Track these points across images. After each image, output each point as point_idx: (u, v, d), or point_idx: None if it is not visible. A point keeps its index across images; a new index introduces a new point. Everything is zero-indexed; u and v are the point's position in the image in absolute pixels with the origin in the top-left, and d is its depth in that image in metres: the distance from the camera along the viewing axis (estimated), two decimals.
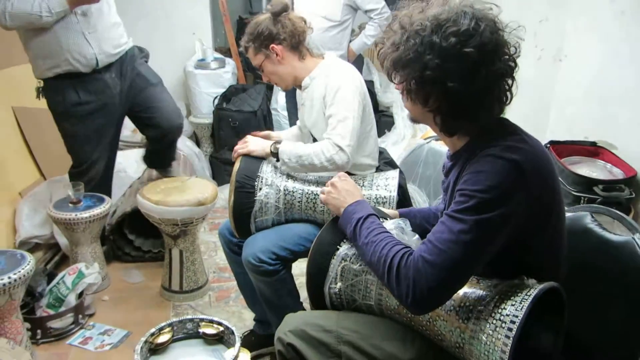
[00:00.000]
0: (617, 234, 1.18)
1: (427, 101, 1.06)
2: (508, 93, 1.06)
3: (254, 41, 1.76)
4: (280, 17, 1.75)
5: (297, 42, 1.77)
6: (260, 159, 1.70)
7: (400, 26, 1.06)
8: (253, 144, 1.72)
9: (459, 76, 1.00)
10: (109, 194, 2.53)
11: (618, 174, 2.21)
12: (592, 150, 2.35)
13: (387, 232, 1.14)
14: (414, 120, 1.16)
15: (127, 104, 2.44)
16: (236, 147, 1.75)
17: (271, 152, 1.68)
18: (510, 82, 1.06)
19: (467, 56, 0.99)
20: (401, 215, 1.41)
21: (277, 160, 1.67)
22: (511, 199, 0.98)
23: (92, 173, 2.43)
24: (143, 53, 2.52)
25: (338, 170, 1.65)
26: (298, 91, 1.90)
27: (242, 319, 2.19)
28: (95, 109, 2.32)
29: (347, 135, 1.62)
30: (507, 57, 1.03)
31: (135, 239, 2.63)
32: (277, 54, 1.75)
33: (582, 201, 2.07)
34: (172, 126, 2.54)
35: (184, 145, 3.55)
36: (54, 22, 2.12)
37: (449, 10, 1.02)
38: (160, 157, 2.70)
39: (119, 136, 2.57)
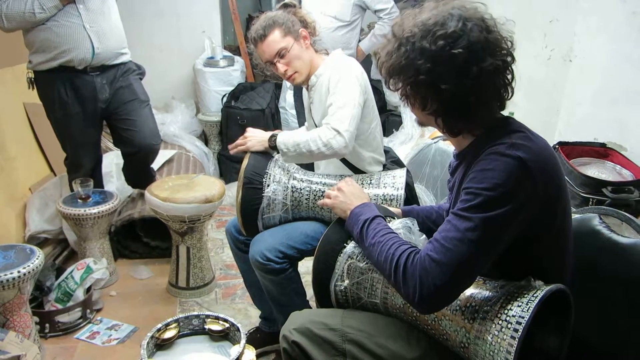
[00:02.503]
0: (625, 236, 1.18)
1: (426, 105, 1.07)
2: (508, 87, 1.06)
3: (283, 25, 1.72)
4: (295, 10, 1.77)
5: (312, 34, 1.79)
6: (269, 156, 1.70)
7: (393, 34, 1.08)
8: (252, 140, 1.70)
9: (451, 78, 1.00)
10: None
11: (627, 175, 2.19)
12: (601, 151, 2.33)
13: (394, 232, 1.14)
14: (421, 123, 1.17)
15: (108, 110, 2.42)
16: (237, 142, 1.73)
17: (269, 145, 1.68)
18: (509, 77, 1.05)
19: (456, 57, 0.99)
20: (403, 213, 1.42)
21: (277, 152, 1.67)
22: (517, 197, 0.98)
23: (78, 167, 2.46)
24: (140, 70, 2.54)
25: (336, 155, 1.64)
26: (305, 91, 1.90)
27: (248, 316, 2.20)
28: (78, 111, 2.34)
29: (345, 120, 1.61)
30: (503, 51, 1.03)
31: (144, 236, 2.65)
32: (304, 38, 1.75)
33: (590, 203, 2.05)
34: (144, 144, 2.45)
35: (193, 145, 3.56)
36: (47, 18, 2.18)
37: (436, 14, 1.03)
38: (135, 176, 2.66)
39: (100, 137, 2.58)
